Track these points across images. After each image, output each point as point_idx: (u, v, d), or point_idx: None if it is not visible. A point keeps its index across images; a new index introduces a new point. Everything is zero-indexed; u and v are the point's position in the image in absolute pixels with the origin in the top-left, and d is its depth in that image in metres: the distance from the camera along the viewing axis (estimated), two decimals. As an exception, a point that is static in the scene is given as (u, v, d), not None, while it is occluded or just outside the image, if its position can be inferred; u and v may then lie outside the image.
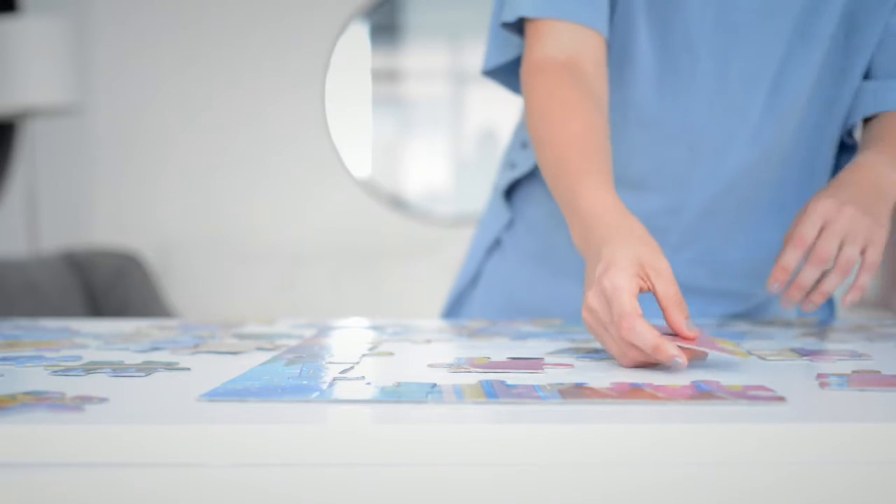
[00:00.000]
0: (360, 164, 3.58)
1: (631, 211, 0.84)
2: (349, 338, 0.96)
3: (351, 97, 3.58)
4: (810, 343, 0.88)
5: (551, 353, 0.80)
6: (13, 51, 2.71)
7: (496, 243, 1.22)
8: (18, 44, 2.71)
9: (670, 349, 0.69)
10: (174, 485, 0.53)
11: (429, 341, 0.91)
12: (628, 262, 0.75)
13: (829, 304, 1.19)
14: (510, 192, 1.21)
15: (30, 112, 2.81)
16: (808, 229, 0.92)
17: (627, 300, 0.72)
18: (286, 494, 0.53)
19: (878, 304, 3.19)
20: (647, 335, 0.70)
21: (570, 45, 0.96)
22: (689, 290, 1.09)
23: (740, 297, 1.14)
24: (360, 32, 3.57)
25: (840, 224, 0.91)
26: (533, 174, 1.18)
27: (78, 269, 2.87)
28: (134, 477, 0.53)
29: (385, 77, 3.70)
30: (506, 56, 1.07)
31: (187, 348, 0.85)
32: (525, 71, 0.99)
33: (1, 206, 3.08)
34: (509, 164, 1.20)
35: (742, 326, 1.03)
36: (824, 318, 1.17)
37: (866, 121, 1.08)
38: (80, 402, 0.59)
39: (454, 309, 1.27)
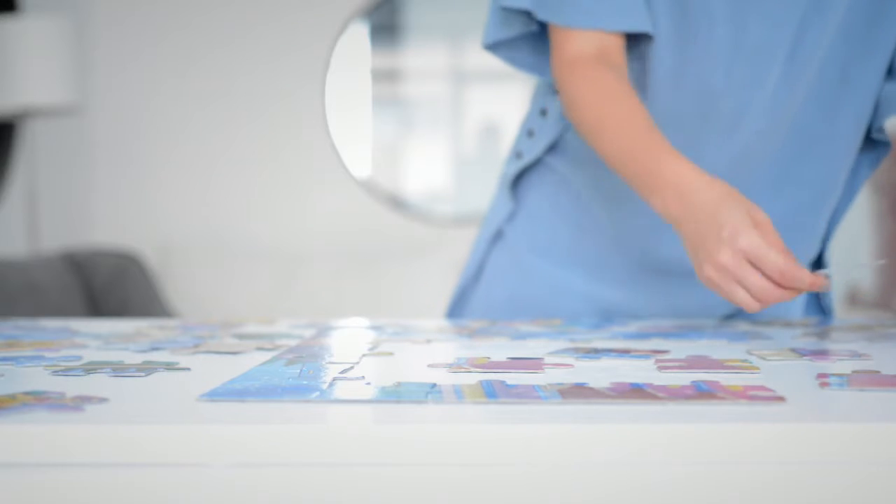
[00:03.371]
0: (360, 164, 3.58)
1: None
2: (349, 338, 0.96)
3: (351, 97, 3.58)
4: (810, 343, 0.88)
5: (551, 353, 0.80)
6: (13, 51, 2.71)
7: (498, 234, 1.22)
8: (18, 44, 2.71)
9: (823, 280, 0.84)
10: (174, 485, 0.53)
11: (428, 341, 0.91)
12: (750, 223, 0.84)
13: (828, 304, 1.19)
14: (516, 183, 1.21)
15: (30, 112, 2.81)
16: None
17: (776, 255, 0.83)
18: (286, 494, 0.53)
19: (878, 304, 3.19)
20: (805, 277, 0.83)
21: (597, 39, 1.02)
22: (693, 273, 1.08)
23: None
24: (360, 32, 3.57)
25: None
26: (538, 163, 1.18)
27: (78, 269, 2.87)
28: (134, 477, 0.53)
29: (385, 77, 3.70)
30: (509, 32, 1.08)
31: (187, 348, 0.85)
32: (559, 67, 1.03)
33: (1, 206, 3.08)
34: (516, 153, 1.20)
35: (742, 326, 1.03)
36: (822, 319, 1.17)
37: None
38: (80, 402, 0.59)
39: (458, 305, 1.27)
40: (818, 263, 1.19)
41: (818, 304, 1.20)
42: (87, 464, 0.53)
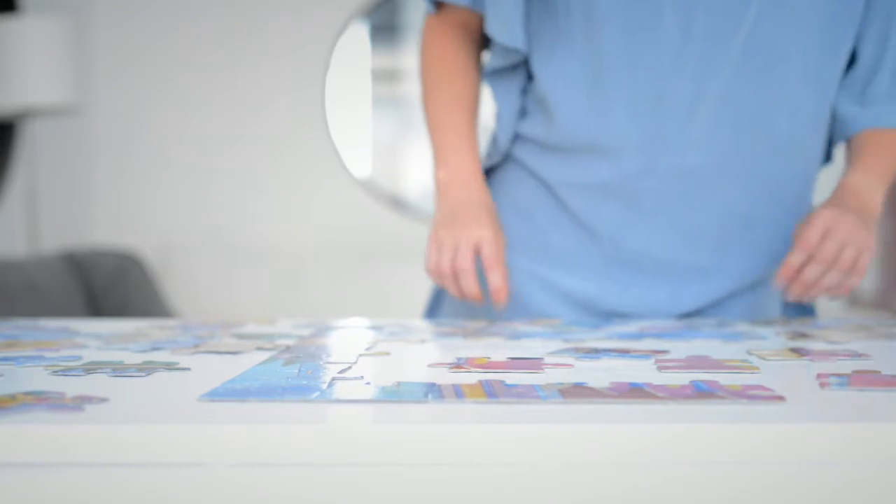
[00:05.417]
0: (360, 164, 3.58)
1: (605, 176, 1.10)
2: (346, 337, 0.96)
3: (351, 97, 3.58)
4: (810, 343, 0.88)
5: (551, 353, 0.80)
6: (13, 51, 2.71)
7: None
8: (18, 44, 2.71)
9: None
10: (174, 485, 0.53)
11: (425, 341, 0.91)
12: (473, 243, 1.08)
13: (804, 310, 1.22)
14: (486, 179, 1.23)
15: (30, 112, 2.81)
16: (814, 234, 1.03)
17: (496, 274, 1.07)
18: (286, 494, 0.53)
19: (878, 304, 3.19)
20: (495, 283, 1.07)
21: (468, 15, 1.17)
22: (662, 266, 1.13)
23: (709, 276, 1.14)
24: (360, 32, 3.57)
25: (841, 231, 1.03)
26: (506, 159, 1.21)
27: (78, 269, 2.87)
28: (134, 477, 0.53)
29: (385, 77, 3.70)
30: None
31: (187, 348, 0.85)
32: (434, 23, 1.20)
33: (1, 206, 3.08)
34: (487, 154, 1.24)
35: (742, 327, 1.03)
36: (803, 316, 1.20)
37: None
38: (80, 402, 0.59)
39: (434, 306, 1.27)
40: None
41: (797, 304, 1.21)
42: (87, 464, 0.53)
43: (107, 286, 2.93)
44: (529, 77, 1.17)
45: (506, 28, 1.10)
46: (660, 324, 1.05)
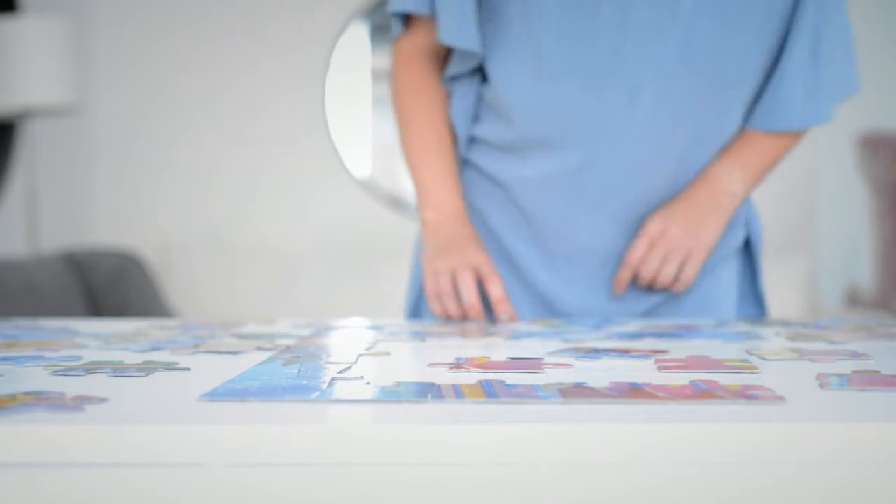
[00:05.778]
0: (360, 164, 3.58)
1: (550, 170, 1.12)
2: (346, 337, 0.97)
3: (351, 97, 3.58)
4: (810, 343, 0.88)
5: (551, 353, 0.80)
6: (13, 51, 2.71)
7: None
8: (18, 44, 2.70)
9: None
10: (174, 485, 0.53)
11: (425, 340, 0.91)
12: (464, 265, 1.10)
13: (760, 302, 1.24)
14: None
15: (30, 112, 2.81)
16: (637, 251, 1.11)
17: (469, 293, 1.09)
18: (286, 494, 0.53)
19: (878, 304, 3.19)
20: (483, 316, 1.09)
21: (434, 37, 1.16)
22: (608, 259, 1.16)
23: None
24: (360, 32, 3.57)
25: (661, 246, 1.11)
26: (464, 164, 1.22)
27: (78, 269, 2.87)
28: (134, 477, 0.53)
29: (385, 77, 3.70)
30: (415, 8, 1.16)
31: (187, 348, 0.85)
32: (401, 54, 1.20)
33: (1, 206, 3.08)
34: None
35: (742, 327, 1.03)
36: (755, 315, 1.24)
37: None
38: (80, 402, 0.59)
39: (413, 318, 1.26)
40: (747, 247, 1.24)
41: (753, 295, 1.24)
42: (87, 464, 0.53)
43: (107, 286, 2.93)
44: (484, 80, 1.18)
45: (459, 31, 1.11)
46: (659, 324, 1.05)
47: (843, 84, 1.14)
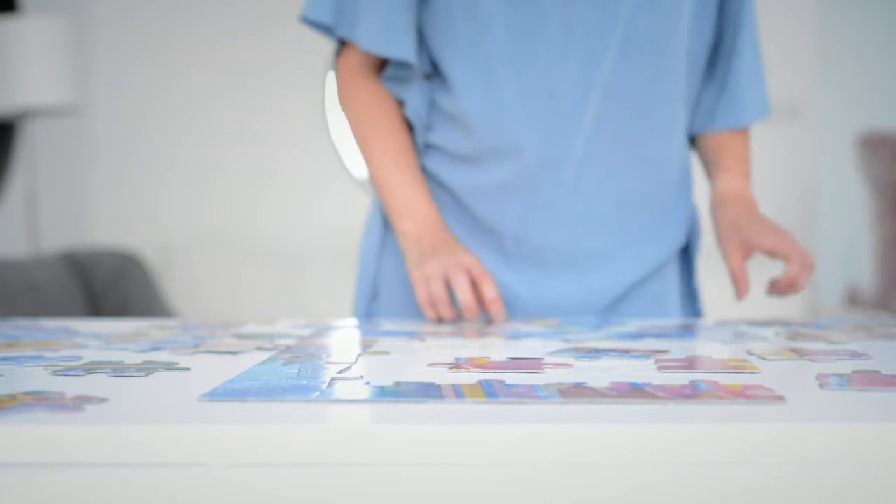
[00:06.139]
0: (360, 164, 3.58)
1: (505, 176, 1.13)
2: (346, 337, 0.97)
3: (351, 97, 3.57)
4: (810, 343, 0.88)
5: (551, 353, 0.80)
6: (13, 51, 2.71)
7: (383, 244, 1.23)
8: (18, 44, 2.71)
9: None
10: (174, 485, 0.53)
11: (424, 340, 0.91)
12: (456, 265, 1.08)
13: (695, 299, 1.27)
14: None
15: (30, 112, 2.81)
16: (799, 248, 1.09)
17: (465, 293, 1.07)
18: (286, 494, 0.53)
19: (878, 304, 3.19)
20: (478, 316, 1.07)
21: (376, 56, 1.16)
22: (566, 257, 1.16)
23: (613, 262, 1.17)
24: (360, 32, 3.57)
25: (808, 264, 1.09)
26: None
27: (78, 269, 2.87)
28: (134, 477, 0.53)
29: (385, 77, 3.70)
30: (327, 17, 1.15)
31: (187, 348, 0.85)
32: (342, 72, 1.19)
33: (1, 206, 3.08)
34: None
35: (741, 327, 1.03)
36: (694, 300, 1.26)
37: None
38: (80, 402, 0.59)
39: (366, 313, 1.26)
40: (686, 251, 1.25)
41: (689, 293, 1.26)
42: (87, 464, 0.53)
43: (107, 286, 2.93)
44: (437, 86, 1.18)
45: (383, 38, 1.11)
46: (659, 324, 1.05)
47: (763, 74, 1.23)
